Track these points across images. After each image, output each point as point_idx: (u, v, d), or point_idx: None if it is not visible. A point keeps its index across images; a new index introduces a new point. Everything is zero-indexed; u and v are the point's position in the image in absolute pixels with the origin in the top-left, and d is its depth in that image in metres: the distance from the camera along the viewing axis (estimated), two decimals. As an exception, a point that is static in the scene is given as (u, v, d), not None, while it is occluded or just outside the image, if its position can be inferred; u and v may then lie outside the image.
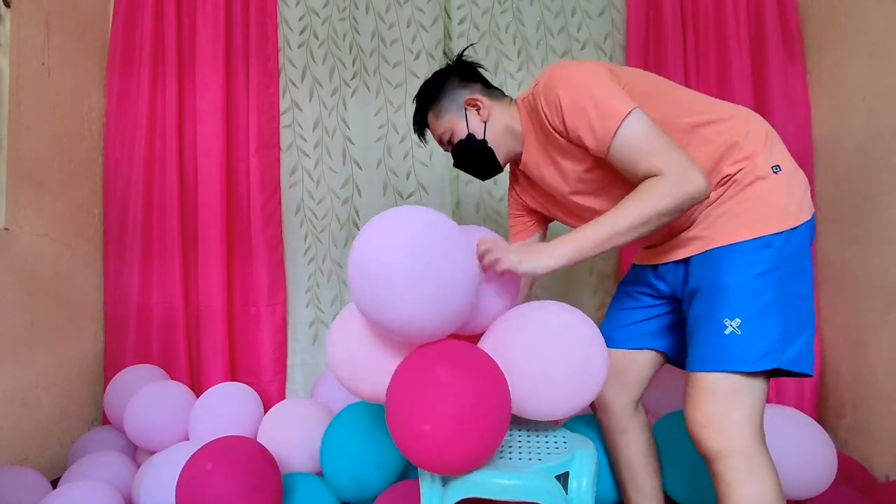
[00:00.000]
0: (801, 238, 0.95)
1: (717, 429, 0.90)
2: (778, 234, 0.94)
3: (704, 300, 0.97)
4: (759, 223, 0.95)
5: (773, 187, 0.96)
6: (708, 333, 0.94)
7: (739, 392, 0.90)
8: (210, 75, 1.91)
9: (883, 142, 1.51)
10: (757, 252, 0.94)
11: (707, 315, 0.96)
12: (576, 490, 0.93)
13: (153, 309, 1.92)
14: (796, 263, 0.95)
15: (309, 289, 2.01)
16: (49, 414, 1.68)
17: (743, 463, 0.88)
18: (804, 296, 0.95)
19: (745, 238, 0.95)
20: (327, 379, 1.83)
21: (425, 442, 0.83)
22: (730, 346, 0.91)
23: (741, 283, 0.93)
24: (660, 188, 0.90)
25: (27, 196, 1.63)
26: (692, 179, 0.89)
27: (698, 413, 0.92)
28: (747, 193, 0.97)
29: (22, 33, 1.62)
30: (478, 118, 1.16)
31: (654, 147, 0.92)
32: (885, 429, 1.50)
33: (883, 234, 1.51)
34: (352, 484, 1.34)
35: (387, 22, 2.01)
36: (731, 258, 0.95)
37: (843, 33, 1.64)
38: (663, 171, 0.90)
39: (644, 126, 0.93)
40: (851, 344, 1.62)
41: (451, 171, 1.98)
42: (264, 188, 1.95)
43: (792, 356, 0.91)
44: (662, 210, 0.90)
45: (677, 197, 0.90)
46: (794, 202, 0.96)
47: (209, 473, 1.16)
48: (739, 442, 0.89)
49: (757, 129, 1.01)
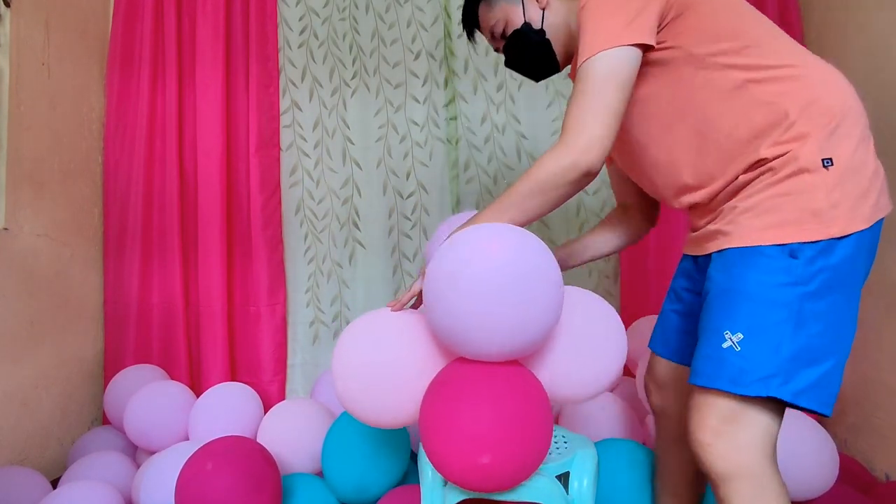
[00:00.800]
0: (845, 251, 0.79)
1: (724, 450, 0.80)
2: (810, 243, 0.79)
3: (711, 305, 0.86)
4: (787, 227, 0.80)
5: (818, 185, 0.79)
6: (706, 344, 0.85)
7: (748, 412, 0.80)
8: (210, 75, 1.91)
9: (883, 141, 1.50)
10: (778, 260, 0.80)
11: (709, 323, 0.85)
12: (577, 490, 0.93)
13: (153, 309, 1.92)
14: (835, 280, 0.79)
15: (309, 289, 2.01)
16: (49, 414, 1.68)
17: (749, 489, 0.79)
18: (833, 322, 0.80)
19: (769, 242, 0.80)
20: (327, 379, 1.83)
21: (483, 472, 0.81)
22: (724, 362, 0.80)
23: (752, 294, 0.80)
24: (548, 155, 0.87)
25: (27, 196, 1.63)
26: (582, 154, 0.84)
27: (704, 432, 0.82)
28: (783, 187, 0.81)
29: (22, 33, 1.62)
30: (536, 5, 1.03)
31: (587, 98, 0.85)
32: (886, 428, 1.50)
33: (884, 233, 1.50)
34: (353, 486, 1.34)
35: (387, 22, 2.01)
36: (746, 262, 0.82)
37: (843, 32, 1.64)
38: (565, 129, 0.86)
39: (605, 71, 0.85)
40: (853, 343, 1.62)
41: (451, 170, 1.98)
42: (264, 188, 1.95)
43: (799, 388, 0.77)
44: (544, 180, 0.86)
45: (555, 169, 0.85)
46: (844, 206, 0.79)
47: (209, 473, 1.16)
48: (747, 465, 0.79)
49: (828, 98, 0.83)
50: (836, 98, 0.84)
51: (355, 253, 2.00)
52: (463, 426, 0.81)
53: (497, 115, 1.97)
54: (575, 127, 0.86)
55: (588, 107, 0.85)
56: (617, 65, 0.85)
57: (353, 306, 2.00)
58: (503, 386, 0.84)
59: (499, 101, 1.98)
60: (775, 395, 0.77)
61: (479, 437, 0.80)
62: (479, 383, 0.84)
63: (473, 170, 1.98)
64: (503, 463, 0.81)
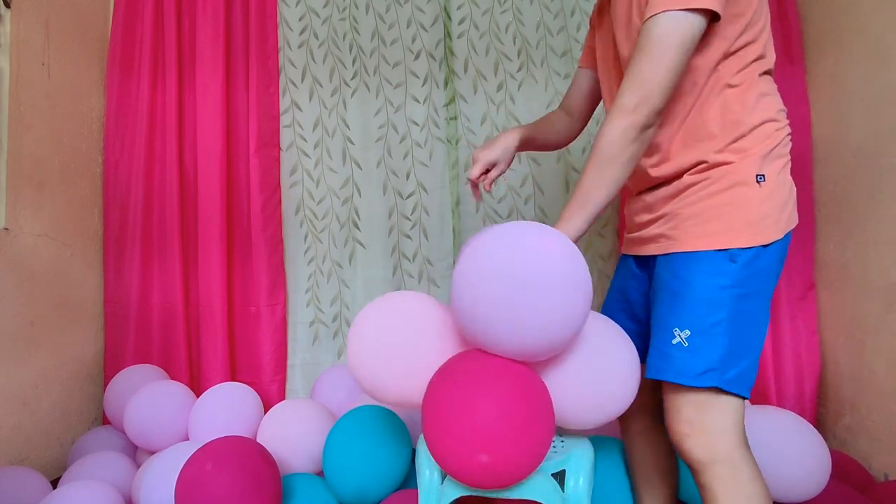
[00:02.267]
0: (769, 257, 0.90)
1: (701, 437, 0.88)
2: (745, 249, 0.89)
3: (661, 304, 0.94)
4: (729, 234, 0.89)
5: (752, 198, 0.90)
6: (657, 340, 0.93)
7: (715, 401, 0.88)
8: (210, 75, 1.91)
9: (882, 141, 1.50)
10: (720, 264, 0.89)
11: (660, 321, 0.93)
12: (572, 488, 0.93)
13: (153, 309, 1.92)
14: (759, 283, 0.90)
15: (309, 289, 2.01)
16: (49, 414, 1.68)
17: (728, 471, 0.86)
18: (758, 319, 0.91)
19: (711, 248, 0.90)
20: (327, 379, 1.83)
21: (482, 470, 0.82)
22: (673, 357, 0.89)
23: (697, 295, 0.89)
24: (606, 123, 0.88)
25: (27, 196, 1.63)
26: (633, 114, 0.86)
27: (680, 423, 0.90)
28: (723, 198, 0.91)
29: (22, 33, 1.62)
30: None
31: (654, 59, 0.85)
32: (884, 428, 1.50)
33: (882, 233, 1.51)
34: (354, 488, 1.34)
35: (387, 22, 2.01)
36: (691, 266, 0.91)
37: (843, 33, 1.64)
38: (622, 88, 0.88)
39: (671, 31, 0.84)
40: (851, 343, 1.62)
41: (451, 170, 1.98)
42: (264, 188, 1.95)
43: (732, 377, 0.88)
44: (608, 150, 0.88)
45: (613, 137, 0.88)
46: (771, 217, 0.90)
47: (209, 473, 1.16)
48: (723, 450, 0.87)
49: (778, 121, 0.94)
50: (781, 122, 0.94)
51: (355, 253, 2.00)
52: (466, 421, 0.82)
53: (497, 115, 1.97)
54: (630, 87, 0.87)
55: (647, 66, 0.86)
56: (685, 25, 0.85)
57: (353, 306, 2.00)
58: (509, 384, 0.85)
59: (499, 101, 1.98)
60: (716, 384, 0.87)
61: (481, 433, 0.81)
62: (485, 379, 0.85)
63: (473, 170, 1.98)
64: (502, 462, 0.81)
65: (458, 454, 0.83)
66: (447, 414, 0.84)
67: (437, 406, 0.86)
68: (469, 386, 0.85)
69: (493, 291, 0.81)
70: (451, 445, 0.84)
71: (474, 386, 0.85)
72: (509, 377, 0.86)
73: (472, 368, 0.88)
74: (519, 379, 0.86)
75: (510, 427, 0.82)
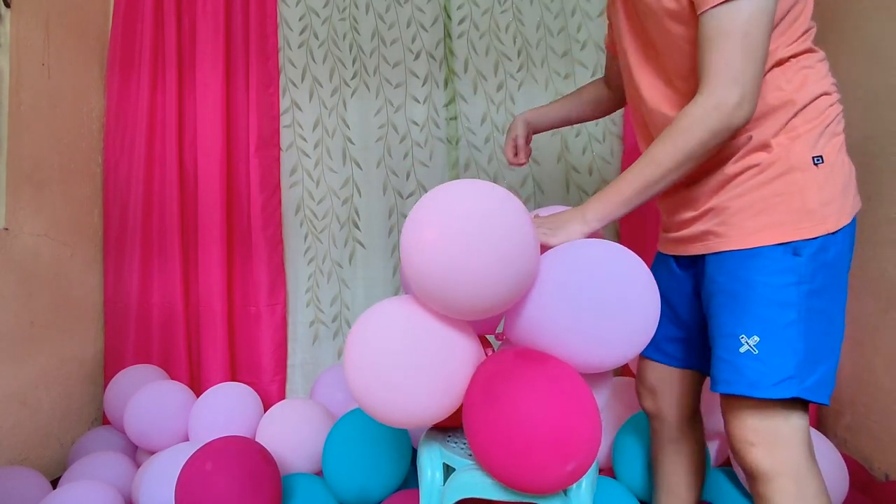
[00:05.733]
0: (837, 246, 0.81)
1: (767, 448, 0.80)
2: (809, 240, 0.79)
3: (719, 309, 0.85)
4: (788, 225, 0.80)
5: (810, 182, 0.80)
6: (722, 349, 0.84)
7: (783, 411, 0.81)
8: (210, 75, 1.91)
9: (881, 141, 1.50)
10: (783, 260, 0.80)
11: (721, 328, 0.84)
12: (574, 490, 0.93)
13: (153, 309, 1.92)
14: (829, 277, 0.80)
15: (309, 289, 2.01)
16: (49, 414, 1.68)
17: (793, 485, 0.79)
18: (834, 317, 0.82)
19: (770, 242, 0.81)
20: (327, 379, 1.83)
21: (569, 478, 0.79)
22: (744, 367, 0.80)
23: (762, 296, 0.80)
24: (694, 118, 0.78)
25: (27, 196, 1.63)
26: (735, 111, 0.76)
27: (745, 431, 0.82)
28: (776, 186, 0.81)
29: (22, 33, 1.62)
30: None
31: (735, 44, 0.75)
32: (884, 428, 1.50)
33: (882, 233, 1.51)
34: (354, 489, 1.34)
35: (387, 22, 2.01)
36: (749, 264, 0.82)
37: (841, 32, 1.64)
38: (710, 83, 0.76)
39: (755, 13, 0.75)
40: (851, 343, 1.62)
41: (451, 170, 1.98)
42: (264, 188, 1.95)
43: (812, 384, 0.79)
44: (694, 148, 0.79)
45: (704, 136, 0.78)
46: (835, 203, 0.80)
47: (209, 473, 1.16)
48: (791, 462, 0.80)
49: (828, 96, 0.84)
50: (833, 96, 0.85)
51: (355, 253, 2.00)
52: (558, 433, 0.78)
53: (497, 115, 1.97)
54: (724, 80, 0.77)
55: (738, 55, 0.76)
56: (766, 6, 0.76)
57: (353, 306, 2.00)
58: (573, 387, 0.81)
59: (499, 101, 1.98)
60: (796, 395, 0.78)
61: (571, 442, 0.78)
62: (549, 386, 0.80)
63: (473, 170, 1.98)
64: (583, 467, 0.80)
65: (548, 466, 0.78)
66: (529, 427, 0.78)
67: (509, 420, 0.80)
68: (540, 394, 0.80)
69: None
70: (542, 459, 0.78)
71: (541, 394, 0.79)
72: (566, 379, 0.82)
73: (526, 374, 0.82)
74: (573, 380, 0.83)
75: (589, 431, 0.79)
